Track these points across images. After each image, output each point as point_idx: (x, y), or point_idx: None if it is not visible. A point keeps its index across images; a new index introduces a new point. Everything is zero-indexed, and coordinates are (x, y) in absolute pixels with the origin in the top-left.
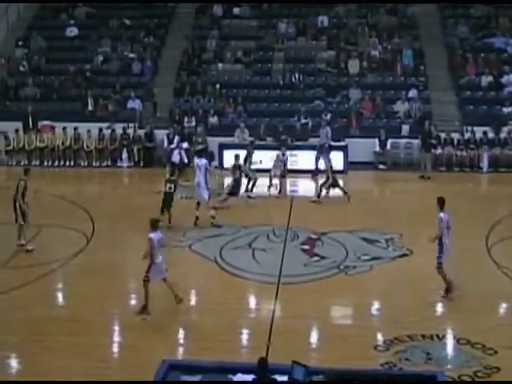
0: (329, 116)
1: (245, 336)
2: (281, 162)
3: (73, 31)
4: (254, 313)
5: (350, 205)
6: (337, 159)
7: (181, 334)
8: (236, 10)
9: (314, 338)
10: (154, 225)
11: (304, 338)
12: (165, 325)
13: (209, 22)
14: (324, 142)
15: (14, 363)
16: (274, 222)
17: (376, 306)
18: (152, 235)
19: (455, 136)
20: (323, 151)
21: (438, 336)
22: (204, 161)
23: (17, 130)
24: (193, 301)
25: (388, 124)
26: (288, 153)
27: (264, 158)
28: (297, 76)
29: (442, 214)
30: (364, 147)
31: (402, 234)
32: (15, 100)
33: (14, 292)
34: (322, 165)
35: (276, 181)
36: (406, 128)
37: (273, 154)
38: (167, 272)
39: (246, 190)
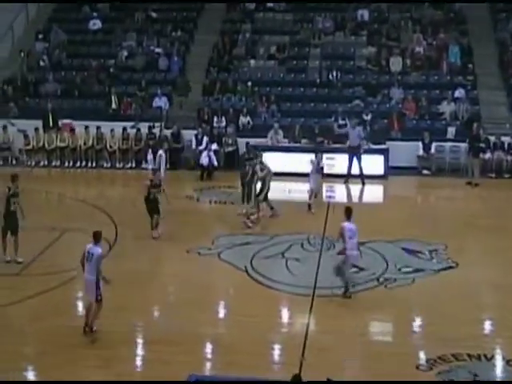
0: (369, 116)
1: (276, 351)
2: (318, 173)
3: (96, 24)
4: (287, 327)
5: (391, 213)
6: (377, 163)
7: (208, 347)
8: (270, 3)
9: (350, 354)
10: (96, 237)
11: (340, 354)
12: (191, 338)
13: (241, 15)
14: (358, 144)
15: (30, 376)
16: (308, 229)
17: (418, 322)
18: (88, 247)
19: (506, 140)
20: (357, 153)
21: (485, 356)
22: (161, 151)
23: (36, 129)
24: (221, 313)
25: (432, 126)
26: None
27: (299, 162)
28: (334, 74)
29: (345, 224)
30: (406, 151)
31: (446, 245)
32: (35, 96)
33: (31, 300)
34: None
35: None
36: (451, 130)
37: (307, 157)
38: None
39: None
